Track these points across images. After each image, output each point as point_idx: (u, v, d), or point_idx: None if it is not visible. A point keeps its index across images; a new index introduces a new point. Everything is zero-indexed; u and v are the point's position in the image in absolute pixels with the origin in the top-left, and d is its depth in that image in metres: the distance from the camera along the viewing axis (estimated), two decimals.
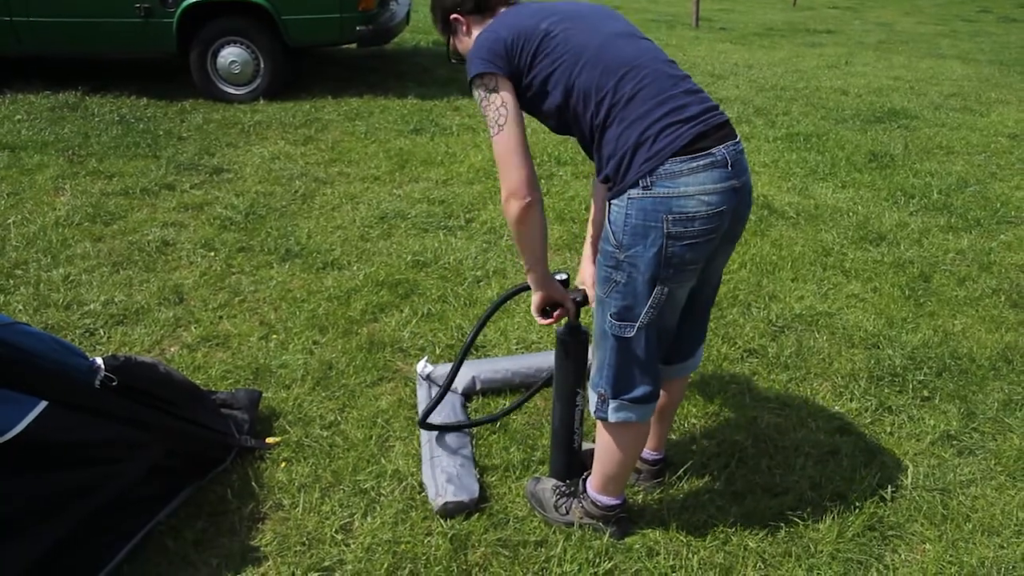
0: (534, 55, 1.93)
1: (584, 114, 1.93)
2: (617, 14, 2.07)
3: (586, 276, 2.35)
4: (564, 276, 2.21)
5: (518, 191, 1.91)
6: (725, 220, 1.90)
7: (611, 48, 1.91)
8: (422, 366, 2.90)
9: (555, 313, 2.21)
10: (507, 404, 2.81)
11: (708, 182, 1.84)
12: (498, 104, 1.93)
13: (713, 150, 1.85)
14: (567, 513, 2.32)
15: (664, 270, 1.89)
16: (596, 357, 2.10)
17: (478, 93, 1.96)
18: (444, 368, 2.91)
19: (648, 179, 1.83)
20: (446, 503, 2.32)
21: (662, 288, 1.92)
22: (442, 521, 2.32)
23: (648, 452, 2.47)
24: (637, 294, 1.93)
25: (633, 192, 1.85)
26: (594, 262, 2.14)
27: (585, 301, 2.25)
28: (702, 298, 2.17)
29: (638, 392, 2.06)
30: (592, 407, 2.15)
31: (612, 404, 2.08)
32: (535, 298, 2.16)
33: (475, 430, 2.70)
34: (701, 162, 1.83)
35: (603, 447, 2.19)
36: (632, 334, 1.99)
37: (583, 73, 1.90)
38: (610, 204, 1.93)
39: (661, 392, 2.29)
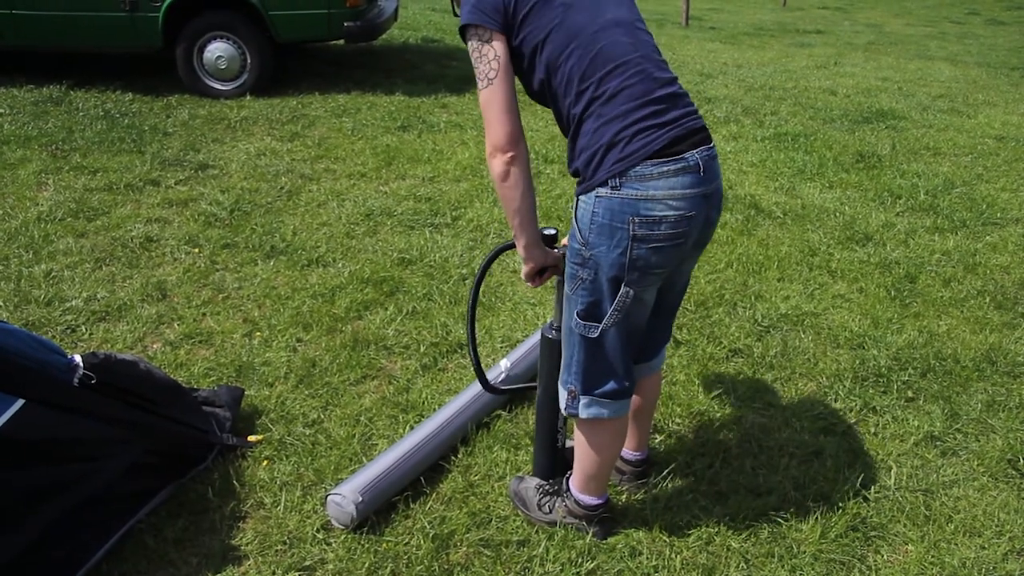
0: (527, 17, 1.86)
1: (564, 98, 1.89)
2: None
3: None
4: (552, 231, 2.14)
5: (502, 145, 1.86)
6: (694, 226, 1.88)
7: (606, 38, 1.85)
8: (505, 364, 2.86)
9: (544, 275, 2.14)
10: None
11: (677, 187, 1.82)
12: (490, 57, 1.86)
13: (686, 155, 1.83)
14: (550, 512, 2.31)
15: (629, 273, 1.87)
16: (564, 354, 2.09)
17: (471, 43, 1.89)
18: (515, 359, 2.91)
19: (618, 180, 1.81)
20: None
21: (627, 290, 1.90)
22: (424, 520, 2.31)
23: (630, 452, 2.47)
24: (602, 293, 1.92)
25: (601, 191, 1.83)
26: None
27: None
28: (667, 301, 2.15)
29: (608, 387, 2.05)
30: (562, 404, 2.14)
31: (583, 400, 2.08)
32: (525, 268, 2.10)
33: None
34: (672, 166, 1.81)
35: (580, 446, 2.18)
36: (596, 334, 1.97)
37: (572, 57, 1.85)
38: (577, 200, 1.92)
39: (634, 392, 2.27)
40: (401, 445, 2.45)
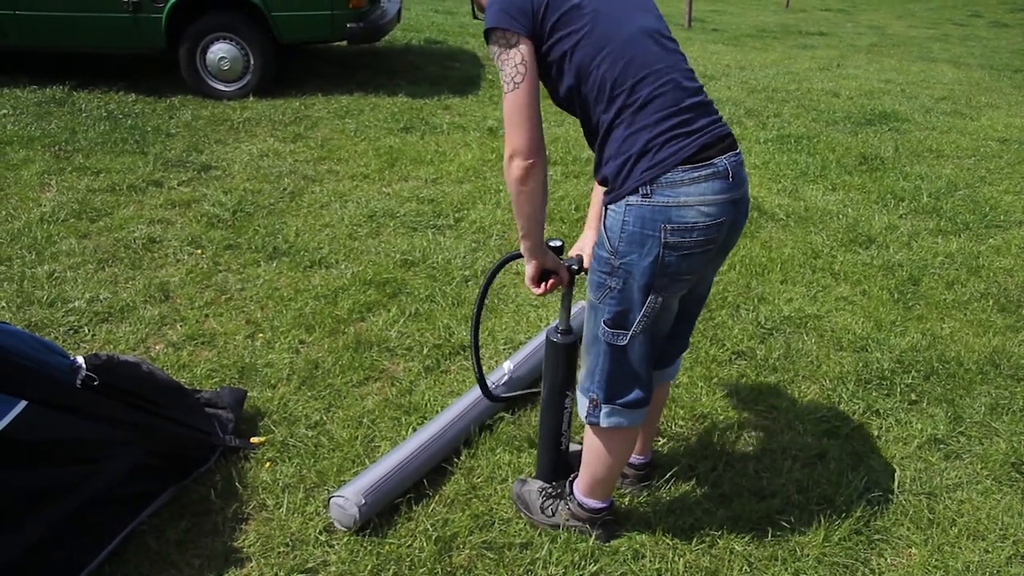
0: (557, 24, 1.85)
1: (595, 105, 1.89)
2: (650, 3, 1.98)
3: (586, 243, 2.27)
4: (558, 243, 2.16)
5: (524, 151, 1.86)
6: (723, 231, 1.88)
7: (638, 46, 1.86)
8: (508, 366, 2.86)
9: (549, 282, 2.15)
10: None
11: (708, 192, 1.81)
12: (517, 61, 1.84)
13: (715, 160, 1.83)
14: (553, 515, 2.31)
15: (659, 279, 1.87)
16: (587, 362, 2.08)
17: (495, 48, 1.88)
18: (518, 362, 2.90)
19: (648, 187, 1.81)
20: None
21: (656, 297, 1.90)
22: (427, 522, 2.31)
23: (634, 456, 2.46)
24: (632, 301, 1.91)
25: (632, 199, 1.82)
26: (596, 229, 2.11)
27: (581, 267, 2.19)
28: (688, 307, 2.14)
29: (631, 397, 2.05)
30: (582, 412, 2.13)
31: (604, 409, 2.07)
32: (528, 268, 2.10)
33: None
34: (703, 172, 1.81)
35: (592, 451, 2.17)
36: (625, 342, 1.97)
37: (604, 63, 1.84)
38: (606, 209, 1.90)
39: None
40: (404, 447, 2.45)
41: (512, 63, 1.85)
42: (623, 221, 1.84)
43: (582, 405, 2.13)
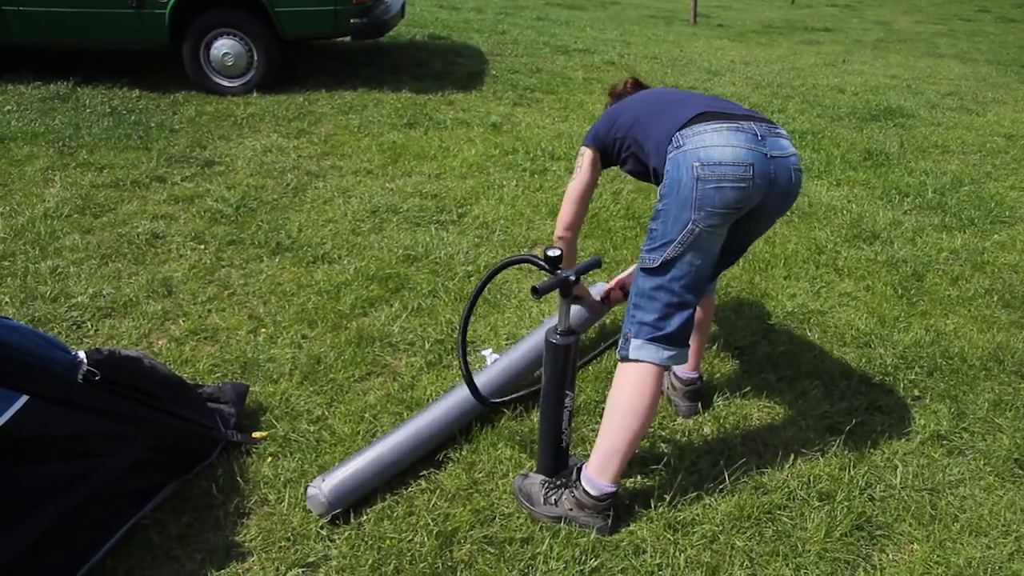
0: (613, 145, 2.47)
1: (650, 165, 2.32)
2: (702, 98, 2.40)
3: (598, 289, 2.92)
4: (557, 252, 2.25)
5: (560, 227, 2.56)
6: (753, 176, 2.14)
7: (668, 114, 2.30)
8: (489, 355, 2.86)
9: None
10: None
11: (732, 139, 2.15)
12: (582, 161, 2.51)
13: (740, 123, 2.20)
14: (556, 505, 2.30)
15: (695, 212, 2.14)
16: (629, 299, 2.30)
17: (580, 149, 2.54)
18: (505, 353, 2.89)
19: (680, 139, 2.19)
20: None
21: (693, 227, 2.15)
22: (428, 517, 2.31)
23: (682, 371, 2.80)
24: (669, 232, 2.18)
25: (671, 153, 2.20)
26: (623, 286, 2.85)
27: (577, 280, 2.22)
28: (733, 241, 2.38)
29: (665, 330, 2.22)
30: (618, 348, 2.30)
31: (634, 342, 2.24)
32: None
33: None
34: (726, 124, 2.18)
35: (610, 413, 2.25)
36: (658, 263, 2.19)
37: (644, 144, 2.34)
38: (665, 174, 2.24)
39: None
40: (384, 441, 2.44)
41: (579, 160, 2.53)
42: (667, 171, 2.20)
43: (620, 343, 2.29)
